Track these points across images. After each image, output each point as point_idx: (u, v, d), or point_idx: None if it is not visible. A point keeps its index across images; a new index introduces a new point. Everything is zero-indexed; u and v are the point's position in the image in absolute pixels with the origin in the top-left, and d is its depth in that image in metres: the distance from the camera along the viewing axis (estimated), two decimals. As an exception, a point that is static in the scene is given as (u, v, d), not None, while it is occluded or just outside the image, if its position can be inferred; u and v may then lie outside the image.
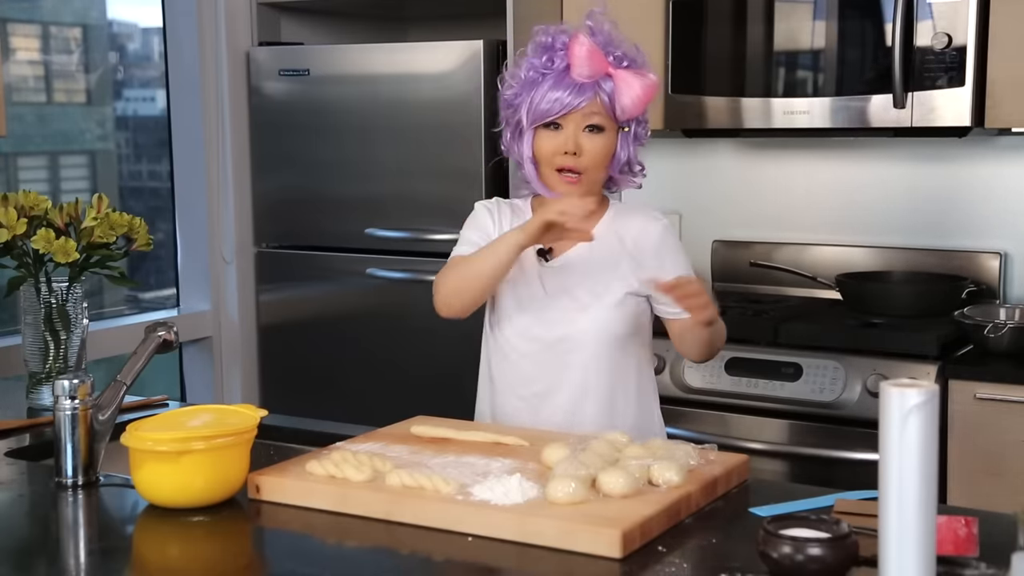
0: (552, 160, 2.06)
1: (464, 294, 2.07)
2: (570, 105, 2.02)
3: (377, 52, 3.47)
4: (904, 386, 1.25)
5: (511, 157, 2.16)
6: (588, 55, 2.01)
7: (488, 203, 2.21)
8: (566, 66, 2.03)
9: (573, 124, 2.04)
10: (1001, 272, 3.20)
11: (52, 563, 1.59)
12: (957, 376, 2.72)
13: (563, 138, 2.05)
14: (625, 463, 1.69)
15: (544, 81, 2.03)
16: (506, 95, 2.11)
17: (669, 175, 3.63)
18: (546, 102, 2.03)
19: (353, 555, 1.58)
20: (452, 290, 2.07)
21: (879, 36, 2.94)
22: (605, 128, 2.06)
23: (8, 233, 2.30)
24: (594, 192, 2.13)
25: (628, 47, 2.09)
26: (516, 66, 2.10)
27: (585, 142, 2.05)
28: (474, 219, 2.20)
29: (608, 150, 2.08)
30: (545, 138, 2.06)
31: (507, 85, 2.11)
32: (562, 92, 2.02)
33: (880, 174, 3.38)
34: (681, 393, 2.98)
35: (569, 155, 2.04)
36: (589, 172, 2.07)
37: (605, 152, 2.07)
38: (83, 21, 3.89)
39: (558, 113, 2.03)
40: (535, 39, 2.08)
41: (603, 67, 2.03)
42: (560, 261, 2.13)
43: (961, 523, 1.42)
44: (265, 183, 3.64)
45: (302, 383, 3.61)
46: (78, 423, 1.83)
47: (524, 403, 2.14)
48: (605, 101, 2.03)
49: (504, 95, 2.11)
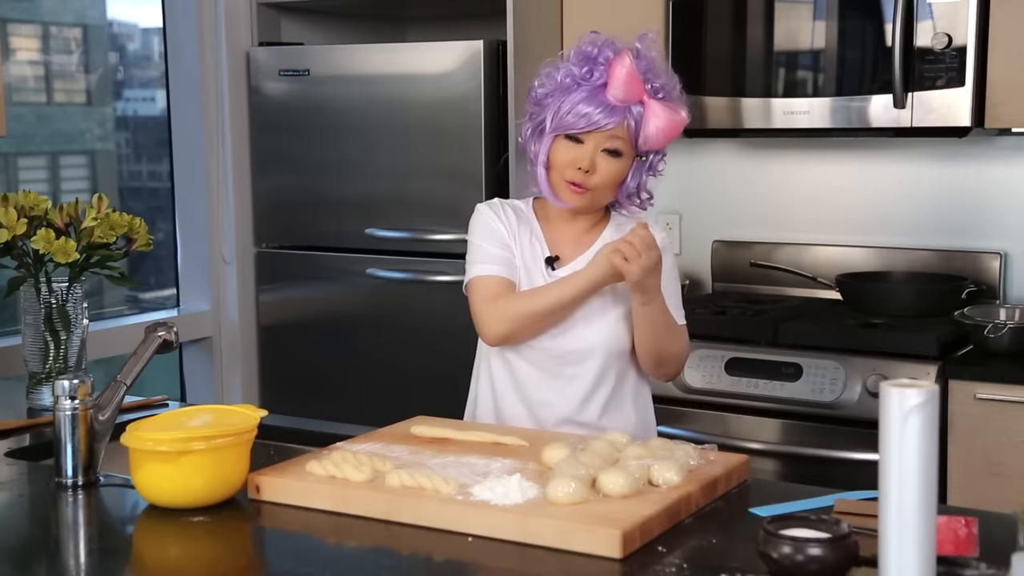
0: (564, 171, 2.05)
1: (535, 328, 2.06)
2: (596, 124, 2.00)
3: (377, 52, 3.47)
4: (904, 386, 1.25)
5: (526, 151, 2.13)
6: (627, 78, 1.99)
7: (491, 205, 2.18)
8: (603, 83, 2.01)
9: (593, 143, 2.03)
10: (1001, 272, 3.20)
11: (52, 563, 1.59)
12: (957, 376, 2.72)
13: (580, 153, 2.03)
14: (625, 463, 1.69)
15: (578, 91, 2.01)
16: (537, 91, 2.08)
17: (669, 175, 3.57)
18: (573, 115, 2.01)
19: (353, 555, 1.58)
20: (520, 327, 2.05)
21: (879, 36, 2.94)
22: (623, 154, 2.04)
23: (8, 233, 2.30)
24: (596, 209, 2.13)
25: (668, 79, 2.07)
26: (554, 67, 2.08)
27: (600, 163, 2.03)
28: (484, 227, 2.14)
29: (620, 176, 2.06)
30: (563, 148, 2.05)
31: (540, 82, 2.08)
32: (592, 108, 2.00)
33: (880, 174, 3.38)
34: (681, 393, 2.98)
35: (582, 171, 2.03)
36: (597, 191, 2.07)
37: (617, 177, 2.06)
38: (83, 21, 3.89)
39: (583, 129, 2.01)
40: (581, 46, 2.06)
41: (639, 94, 2.01)
42: (565, 272, 2.12)
43: (961, 523, 1.42)
44: (265, 183, 3.64)
45: (302, 383, 3.61)
46: (78, 423, 1.83)
47: (527, 411, 2.14)
48: (631, 127, 2.02)
49: (535, 91, 2.09)
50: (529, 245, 2.14)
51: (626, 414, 2.15)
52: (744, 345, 2.96)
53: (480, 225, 2.15)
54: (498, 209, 2.16)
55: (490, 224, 2.14)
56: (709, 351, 2.97)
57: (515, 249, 2.12)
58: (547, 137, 2.06)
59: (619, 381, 2.14)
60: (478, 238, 2.14)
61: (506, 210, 2.16)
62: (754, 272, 3.50)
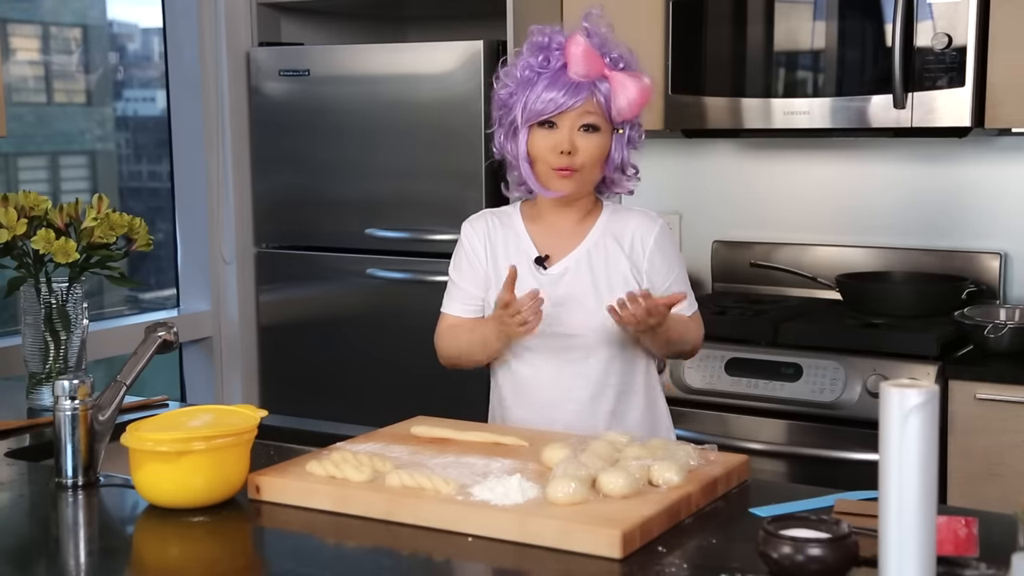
0: (547, 159, 2.06)
1: (464, 364, 2.19)
2: (565, 104, 2.02)
3: (377, 52, 3.47)
4: (904, 386, 1.25)
5: (505, 157, 2.14)
6: (584, 54, 2.01)
7: (473, 223, 2.20)
8: (562, 65, 2.03)
9: (568, 123, 2.04)
10: (1001, 272, 3.20)
11: (52, 563, 1.59)
12: (957, 376, 2.72)
13: (558, 137, 2.04)
14: (625, 463, 1.69)
15: (540, 80, 2.03)
16: (500, 94, 2.10)
17: (669, 175, 3.63)
18: (541, 101, 2.02)
19: (353, 555, 1.58)
20: (451, 360, 2.20)
21: (879, 36, 2.94)
22: (600, 128, 2.05)
23: (8, 233, 2.30)
24: (587, 191, 2.13)
25: (623, 49, 2.09)
26: (511, 65, 2.10)
27: (580, 141, 2.04)
28: (459, 254, 2.20)
29: (603, 149, 2.07)
30: (540, 137, 2.06)
31: (502, 84, 2.10)
32: (557, 92, 2.02)
33: (880, 174, 3.38)
34: (681, 393, 2.98)
35: (564, 154, 2.04)
36: (584, 170, 2.07)
37: (600, 151, 2.07)
38: (83, 21, 3.89)
39: (553, 112, 2.02)
40: (531, 39, 2.08)
41: (599, 67, 2.03)
42: (558, 268, 2.12)
43: (961, 523, 1.42)
44: (265, 183, 3.64)
45: (302, 383, 3.61)
46: (78, 423, 1.83)
47: (535, 413, 2.13)
48: (601, 101, 2.04)
49: (499, 94, 2.10)
50: (515, 250, 2.15)
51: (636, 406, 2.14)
52: (744, 345, 2.96)
53: (456, 252, 2.22)
54: (477, 225, 2.19)
55: (463, 253, 2.20)
56: (709, 351, 2.96)
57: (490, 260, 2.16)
58: (522, 131, 2.06)
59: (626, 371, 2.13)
60: (452, 270, 2.22)
61: (487, 220, 2.19)
62: (754, 272, 3.50)
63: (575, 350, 2.11)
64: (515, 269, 2.00)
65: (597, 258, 2.11)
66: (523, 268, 2.09)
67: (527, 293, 1.97)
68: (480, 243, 2.17)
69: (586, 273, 2.11)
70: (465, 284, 2.18)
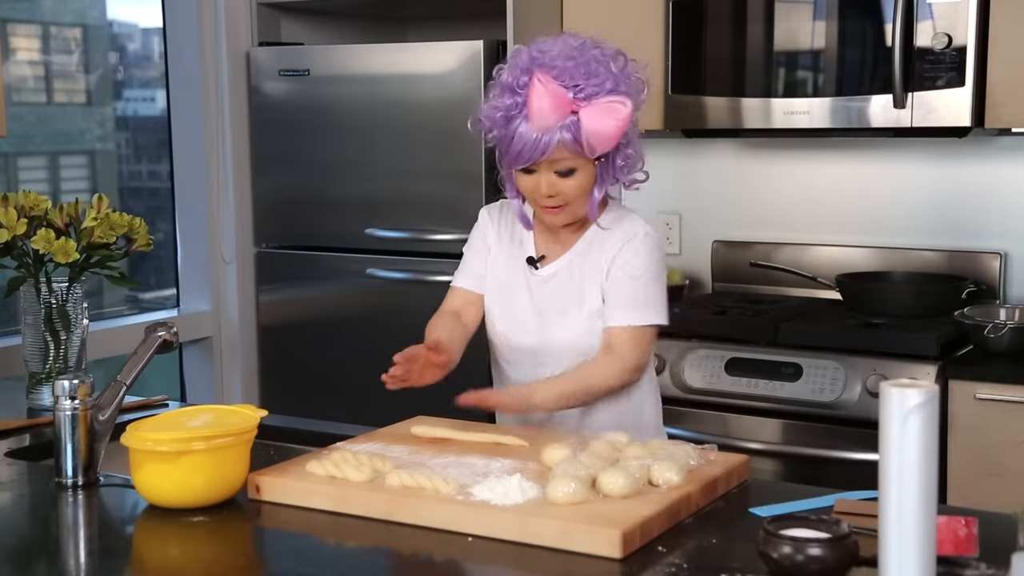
0: (533, 198, 2.06)
1: None
2: (532, 158, 1.96)
3: (377, 52, 3.47)
4: (904, 386, 1.25)
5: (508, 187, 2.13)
6: (548, 104, 1.92)
7: (491, 209, 2.24)
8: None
9: (544, 169, 2.00)
10: (1001, 272, 3.20)
11: (52, 563, 1.59)
12: (957, 376, 2.72)
13: (537, 181, 2.01)
14: (625, 463, 1.69)
15: (510, 124, 1.97)
16: (488, 137, 2.05)
17: (669, 175, 3.63)
18: (513, 151, 1.97)
19: (353, 555, 1.58)
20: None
21: (879, 36, 2.94)
22: (577, 168, 1.99)
23: (8, 233, 2.30)
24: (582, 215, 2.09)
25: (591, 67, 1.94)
26: (486, 103, 2.03)
27: (559, 183, 2.00)
28: (474, 233, 2.23)
29: (586, 186, 2.02)
30: (523, 179, 2.04)
31: (485, 126, 2.04)
32: (525, 143, 1.95)
33: (880, 174, 3.38)
34: (681, 393, 2.98)
35: (547, 195, 2.02)
36: (572, 204, 2.04)
37: (582, 187, 2.02)
38: (83, 21, 3.89)
39: (526, 162, 1.98)
40: (498, 78, 2.02)
41: (564, 110, 1.93)
42: (549, 270, 2.13)
43: (961, 523, 1.42)
44: (265, 183, 3.64)
45: (302, 383, 3.61)
46: (78, 423, 1.83)
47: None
48: (568, 141, 1.94)
49: (487, 136, 2.05)
50: (517, 246, 2.17)
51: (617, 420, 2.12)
52: (744, 345, 2.96)
53: (472, 235, 2.25)
54: (494, 212, 2.23)
55: (477, 236, 2.23)
56: (709, 351, 2.97)
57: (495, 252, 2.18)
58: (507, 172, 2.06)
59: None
60: (466, 248, 2.25)
61: (503, 211, 2.21)
62: (754, 272, 3.49)
63: (553, 355, 2.11)
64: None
65: (578, 266, 2.12)
66: (517, 266, 2.13)
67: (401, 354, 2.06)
68: (492, 230, 2.21)
69: (567, 279, 2.11)
70: (474, 261, 2.22)
